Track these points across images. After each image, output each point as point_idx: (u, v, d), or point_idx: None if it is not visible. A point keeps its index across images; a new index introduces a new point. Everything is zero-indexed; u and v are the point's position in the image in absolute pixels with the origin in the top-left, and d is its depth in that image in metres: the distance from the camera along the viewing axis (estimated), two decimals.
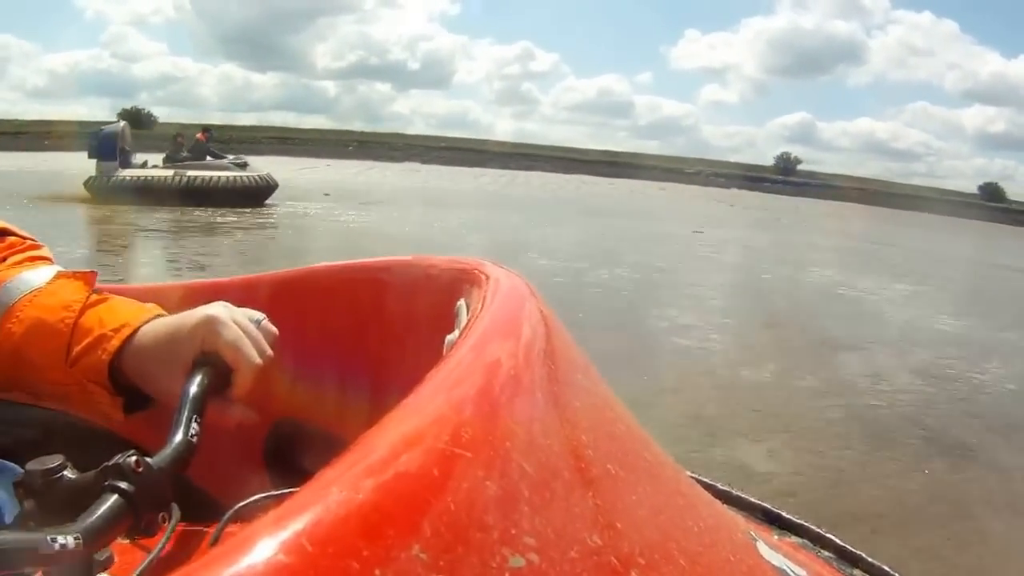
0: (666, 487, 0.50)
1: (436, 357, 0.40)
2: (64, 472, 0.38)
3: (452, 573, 0.26)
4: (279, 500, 0.26)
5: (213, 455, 0.51)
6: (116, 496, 0.38)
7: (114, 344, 0.55)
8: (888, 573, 0.76)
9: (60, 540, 0.34)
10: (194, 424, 0.47)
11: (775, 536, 0.77)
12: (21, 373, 0.56)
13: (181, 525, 0.43)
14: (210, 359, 0.53)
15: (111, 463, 0.39)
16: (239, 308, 0.57)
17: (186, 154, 12.43)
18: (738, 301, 7.07)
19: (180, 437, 0.45)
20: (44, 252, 0.65)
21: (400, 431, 0.30)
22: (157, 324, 0.56)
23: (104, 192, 11.31)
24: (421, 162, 41.03)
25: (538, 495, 0.33)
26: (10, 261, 0.62)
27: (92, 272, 0.61)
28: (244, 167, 12.62)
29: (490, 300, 0.48)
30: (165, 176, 11.79)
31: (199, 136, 13.20)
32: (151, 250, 8.19)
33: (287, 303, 0.75)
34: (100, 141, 11.66)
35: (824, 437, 3.54)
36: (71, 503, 0.37)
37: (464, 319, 0.53)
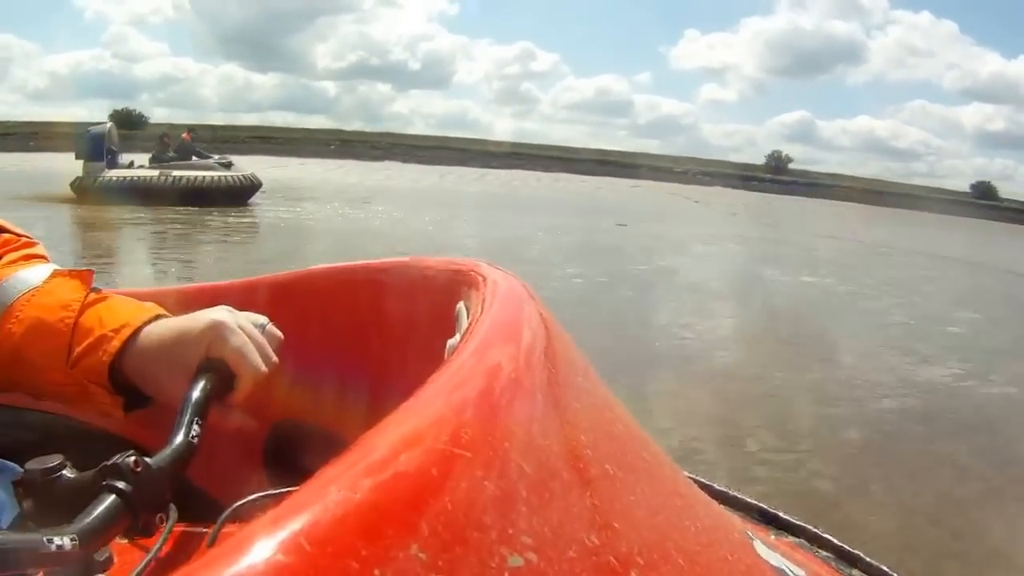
0: (664, 487, 0.50)
1: (436, 359, 0.40)
2: (63, 472, 0.38)
3: (451, 572, 0.26)
4: (276, 499, 0.26)
5: (213, 456, 0.51)
6: (114, 496, 0.38)
7: (115, 345, 0.54)
8: (887, 573, 0.76)
9: (57, 541, 0.34)
10: (195, 426, 0.47)
11: (772, 536, 0.77)
12: (21, 373, 0.56)
13: (180, 525, 0.43)
14: (214, 364, 0.53)
15: (110, 463, 0.39)
16: (242, 312, 0.57)
17: (172, 154, 12.43)
18: (591, 284, 7.32)
19: (180, 439, 0.45)
20: (39, 250, 0.64)
21: (400, 432, 0.30)
22: (161, 326, 0.56)
23: (91, 193, 11.29)
24: (401, 161, 40.98)
25: (536, 495, 0.33)
26: (5, 259, 0.61)
27: (89, 270, 0.61)
28: (229, 167, 12.66)
29: (489, 303, 0.48)
30: (151, 176, 11.80)
31: (184, 136, 13.20)
32: (136, 249, 8.20)
33: (287, 305, 0.75)
34: (87, 142, 11.65)
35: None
36: (70, 502, 0.37)
37: (464, 323, 0.53)
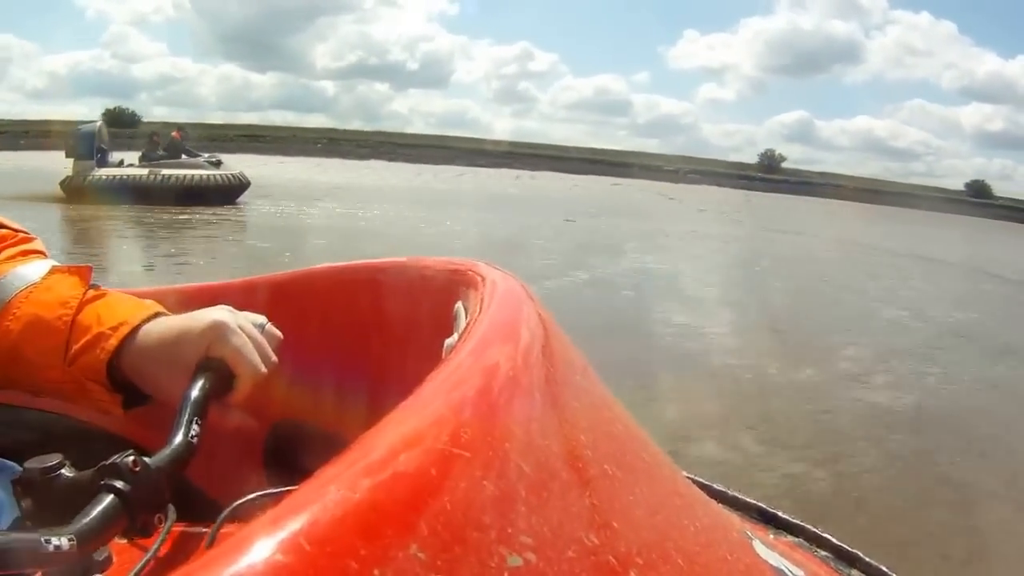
0: (663, 487, 0.50)
1: (434, 359, 0.40)
2: (62, 471, 0.38)
3: (450, 572, 0.26)
4: (275, 499, 0.26)
5: (212, 456, 0.51)
6: (112, 496, 0.38)
7: (112, 343, 0.54)
8: (885, 573, 0.76)
9: (55, 541, 0.34)
10: (195, 426, 0.47)
11: (771, 535, 0.77)
12: (18, 370, 0.55)
13: (179, 525, 0.43)
14: (214, 364, 0.53)
15: (108, 462, 0.39)
16: (241, 312, 0.57)
17: (162, 153, 12.45)
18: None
19: (180, 439, 0.45)
20: (36, 245, 0.64)
21: (399, 432, 0.30)
22: (160, 325, 0.56)
23: (81, 191, 11.29)
24: (387, 160, 41.30)
25: (536, 495, 0.33)
26: (3, 255, 0.60)
27: (87, 267, 0.60)
28: (218, 165, 12.70)
29: (487, 303, 0.48)
30: (141, 175, 11.83)
31: (174, 135, 13.21)
32: (125, 248, 8.21)
33: (286, 305, 0.75)
34: (77, 140, 11.66)
35: None
36: (68, 502, 0.37)
37: (463, 322, 0.53)
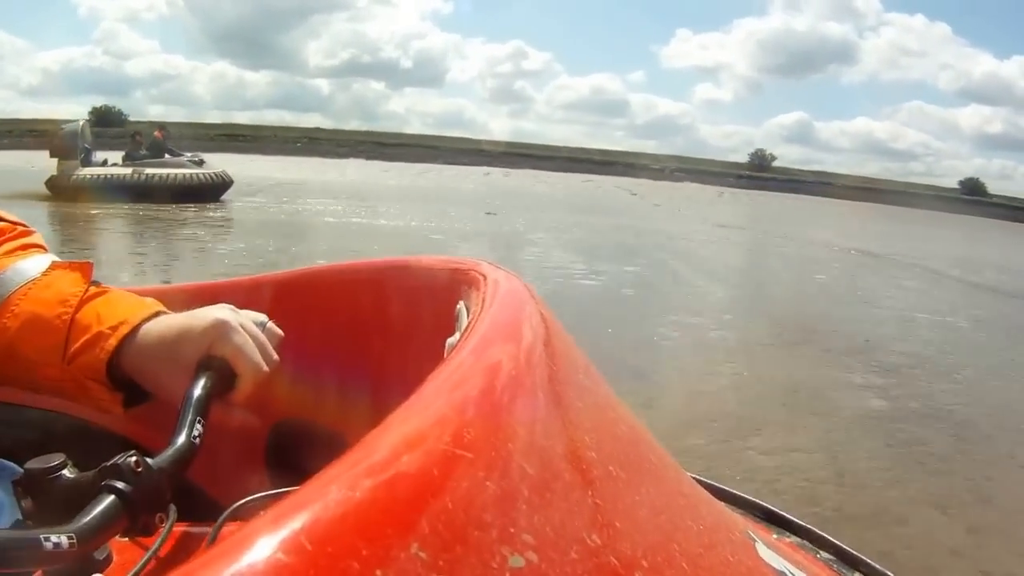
0: (667, 487, 0.50)
1: (436, 358, 0.40)
2: (63, 471, 0.38)
3: (452, 572, 0.26)
4: (276, 499, 0.26)
5: (214, 456, 0.51)
6: (113, 496, 0.38)
7: (111, 343, 0.53)
8: None
9: (54, 539, 0.34)
10: (197, 426, 0.46)
11: (774, 536, 0.76)
12: (16, 368, 0.55)
13: (180, 525, 0.43)
14: (215, 363, 0.53)
15: (110, 463, 0.39)
16: (243, 311, 0.57)
17: (145, 152, 12.48)
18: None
19: (183, 439, 0.45)
20: (36, 239, 0.63)
21: (401, 432, 0.30)
22: (161, 323, 0.55)
23: (66, 190, 11.34)
24: (365, 158, 42.14)
25: (538, 495, 0.33)
26: (3, 249, 0.59)
27: (88, 263, 0.59)
28: (201, 164, 12.77)
29: (489, 302, 0.48)
30: (125, 174, 11.88)
31: (156, 134, 13.21)
32: (113, 246, 8.23)
33: (288, 304, 0.75)
34: (60, 139, 11.69)
35: None
36: (69, 502, 0.37)
37: (464, 321, 0.53)
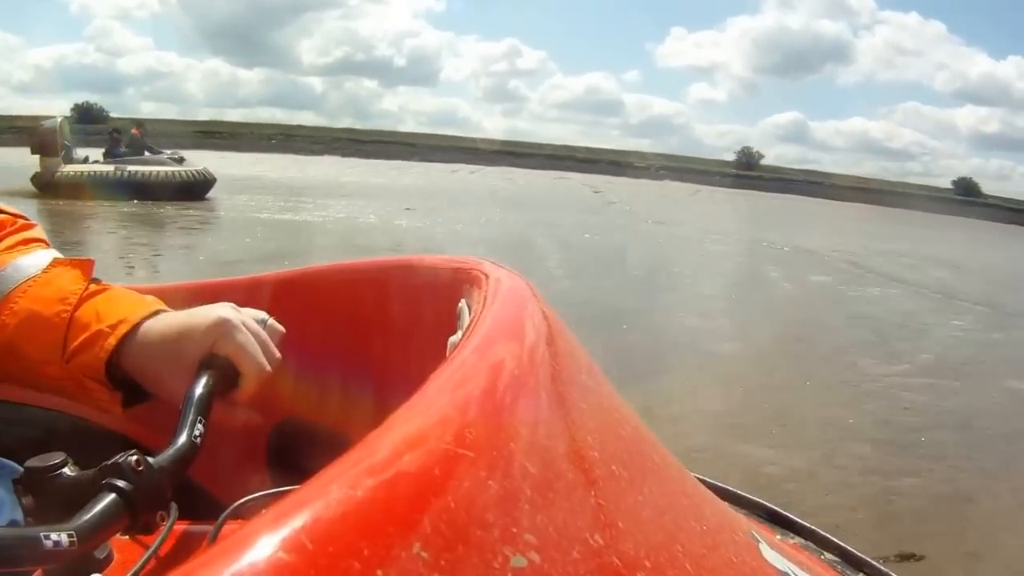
0: (671, 487, 0.50)
1: (439, 358, 0.40)
2: (64, 470, 0.38)
3: (453, 572, 0.26)
4: (277, 498, 0.26)
5: (216, 455, 0.51)
6: (113, 495, 0.38)
7: (111, 342, 0.53)
8: None
9: (54, 538, 0.33)
10: (199, 425, 0.46)
11: (778, 536, 0.76)
12: (16, 366, 0.54)
13: (181, 523, 0.43)
14: (217, 362, 0.52)
15: (111, 462, 0.39)
16: (244, 308, 0.57)
17: (125, 150, 12.47)
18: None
19: (184, 438, 0.45)
20: (37, 232, 0.62)
21: (403, 431, 0.30)
22: (162, 322, 0.55)
23: (50, 187, 11.37)
24: (341, 155, 42.55)
25: (541, 495, 0.32)
26: (4, 244, 0.59)
27: (89, 260, 0.59)
28: (181, 162, 12.76)
29: (491, 301, 0.48)
30: (107, 171, 11.87)
31: (134, 131, 13.18)
32: (102, 244, 8.26)
33: (289, 303, 0.75)
34: (40, 136, 11.70)
35: None
36: (70, 501, 0.37)
37: (466, 320, 0.52)
